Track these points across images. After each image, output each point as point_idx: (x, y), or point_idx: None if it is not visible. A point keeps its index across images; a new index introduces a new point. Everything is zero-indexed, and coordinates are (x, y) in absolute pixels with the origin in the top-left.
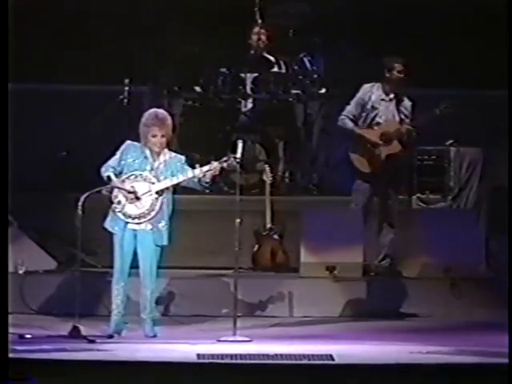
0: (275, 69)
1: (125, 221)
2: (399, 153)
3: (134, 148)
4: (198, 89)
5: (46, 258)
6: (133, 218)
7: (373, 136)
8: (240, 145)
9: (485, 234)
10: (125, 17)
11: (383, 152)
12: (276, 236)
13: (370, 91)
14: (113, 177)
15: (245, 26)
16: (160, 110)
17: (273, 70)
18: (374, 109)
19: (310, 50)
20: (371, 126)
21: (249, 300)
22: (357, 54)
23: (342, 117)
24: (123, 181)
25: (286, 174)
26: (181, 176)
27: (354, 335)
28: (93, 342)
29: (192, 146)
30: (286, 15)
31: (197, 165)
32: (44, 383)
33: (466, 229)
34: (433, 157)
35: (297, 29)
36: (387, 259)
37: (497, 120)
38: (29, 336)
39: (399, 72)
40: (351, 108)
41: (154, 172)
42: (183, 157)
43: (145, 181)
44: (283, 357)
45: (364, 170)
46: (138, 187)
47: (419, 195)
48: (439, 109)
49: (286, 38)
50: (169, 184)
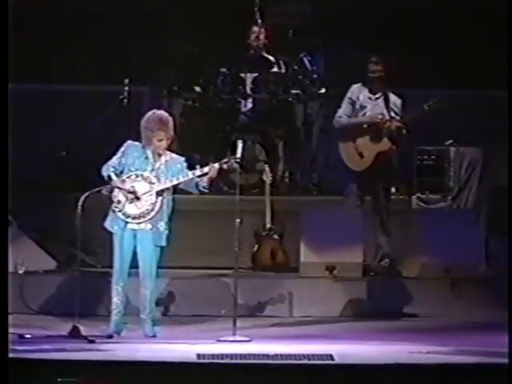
0: (275, 69)
1: (125, 220)
2: (389, 150)
3: (135, 148)
4: (198, 89)
5: (46, 258)
6: (133, 218)
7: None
8: (240, 145)
9: (485, 234)
10: (125, 17)
11: (374, 150)
12: (276, 236)
13: (358, 91)
14: (113, 176)
15: (245, 26)
16: (162, 113)
17: (273, 70)
18: (363, 108)
19: (310, 50)
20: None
21: (249, 300)
22: (357, 54)
23: (337, 118)
24: (124, 181)
25: (286, 174)
26: (181, 177)
27: (354, 335)
28: (93, 342)
29: (192, 146)
30: (286, 15)
31: (197, 166)
32: (44, 383)
33: (466, 229)
34: (433, 157)
35: (297, 29)
36: (386, 259)
37: (497, 120)
38: (29, 336)
39: (378, 71)
40: (343, 109)
41: (155, 172)
42: (184, 159)
43: (145, 181)
44: (283, 357)
45: (355, 169)
46: (139, 187)
47: (419, 195)
48: (427, 104)
49: (286, 38)
50: (169, 184)
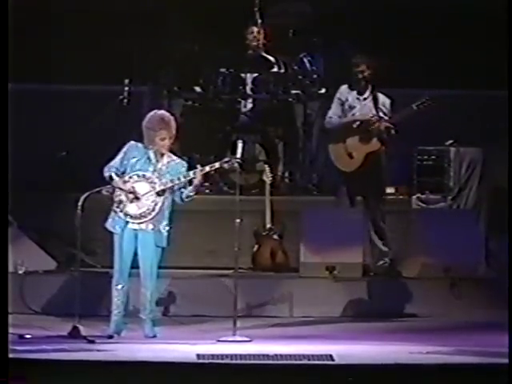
0: (275, 69)
1: (125, 220)
2: (379, 151)
3: (137, 148)
4: (198, 89)
5: (46, 258)
6: (134, 218)
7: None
8: (240, 145)
9: (485, 234)
10: (125, 17)
11: (363, 150)
12: (276, 236)
13: (347, 92)
14: (114, 177)
15: (245, 26)
16: (164, 112)
17: (273, 70)
18: (352, 108)
19: (310, 50)
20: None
21: (249, 300)
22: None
23: (327, 120)
24: (125, 181)
25: (286, 174)
26: (182, 177)
27: (354, 335)
28: (93, 343)
29: (192, 147)
30: (286, 15)
31: (198, 165)
32: (44, 383)
33: (466, 229)
34: (433, 157)
35: (297, 29)
36: (382, 259)
37: (497, 120)
38: (29, 336)
39: (363, 72)
40: (333, 109)
41: (157, 173)
42: (185, 163)
43: (147, 181)
44: (283, 357)
45: (344, 170)
46: (140, 187)
47: (419, 195)
48: (416, 104)
49: (286, 38)
50: (170, 185)
